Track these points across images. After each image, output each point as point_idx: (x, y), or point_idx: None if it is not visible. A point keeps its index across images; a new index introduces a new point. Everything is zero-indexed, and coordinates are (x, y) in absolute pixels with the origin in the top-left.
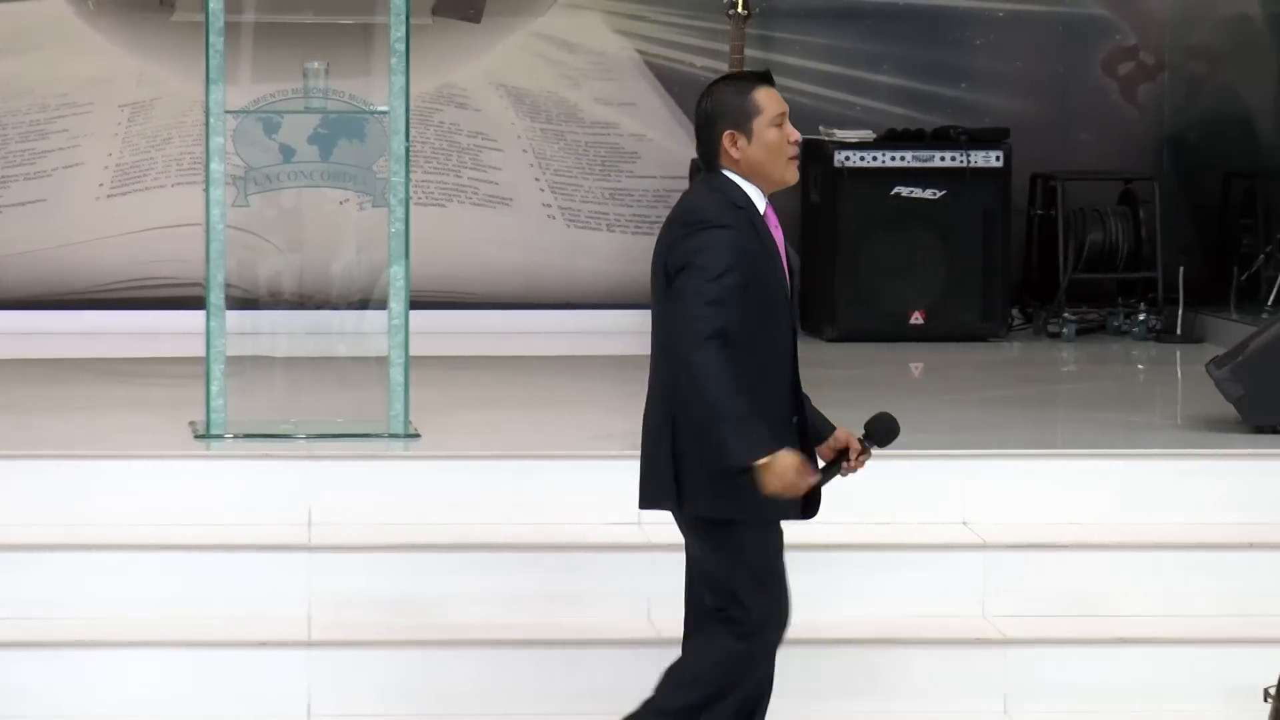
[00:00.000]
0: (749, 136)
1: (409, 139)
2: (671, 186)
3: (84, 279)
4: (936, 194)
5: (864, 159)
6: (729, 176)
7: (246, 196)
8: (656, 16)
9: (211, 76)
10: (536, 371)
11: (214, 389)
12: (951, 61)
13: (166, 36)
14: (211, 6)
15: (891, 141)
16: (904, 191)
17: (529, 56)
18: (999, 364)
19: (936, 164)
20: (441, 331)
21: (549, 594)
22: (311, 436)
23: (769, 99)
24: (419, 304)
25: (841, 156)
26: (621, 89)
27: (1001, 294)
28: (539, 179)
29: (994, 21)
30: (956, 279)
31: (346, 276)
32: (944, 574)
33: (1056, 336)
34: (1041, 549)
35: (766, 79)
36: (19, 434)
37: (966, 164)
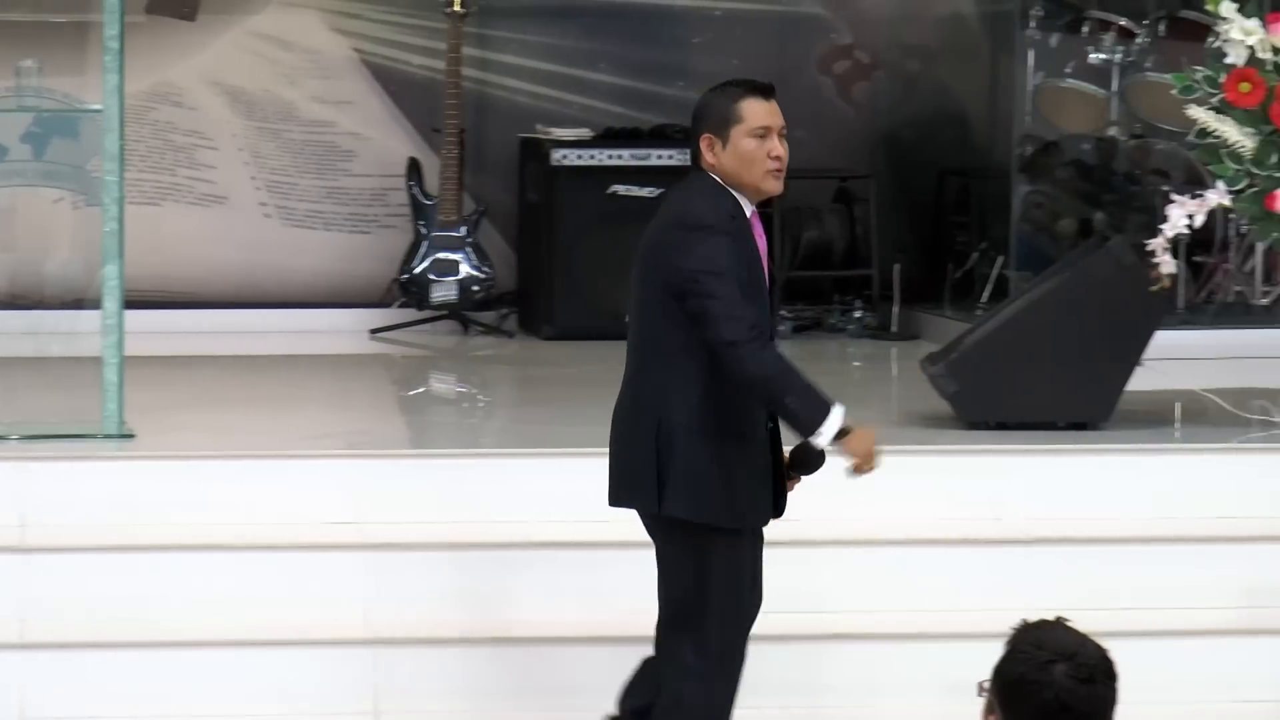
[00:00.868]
0: (725, 143)
1: (123, 138)
2: (389, 185)
3: None
4: (654, 192)
5: (581, 157)
6: (717, 181)
7: None
8: (374, 15)
9: None
10: (253, 371)
11: None
12: (669, 60)
13: None
14: None
15: (609, 140)
16: (621, 190)
17: (245, 55)
18: None
19: (654, 162)
20: (157, 331)
21: (263, 597)
22: (25, 438)
23: (755, 110)
24: (134, 303)
25: (558, 155)
26: (338, 87)
27: None
28: (255, 178)
29: (711, 20)
30: None
31: (61, 276)
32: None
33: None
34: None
35: (761, 90)
36: None
37: (684, 162)
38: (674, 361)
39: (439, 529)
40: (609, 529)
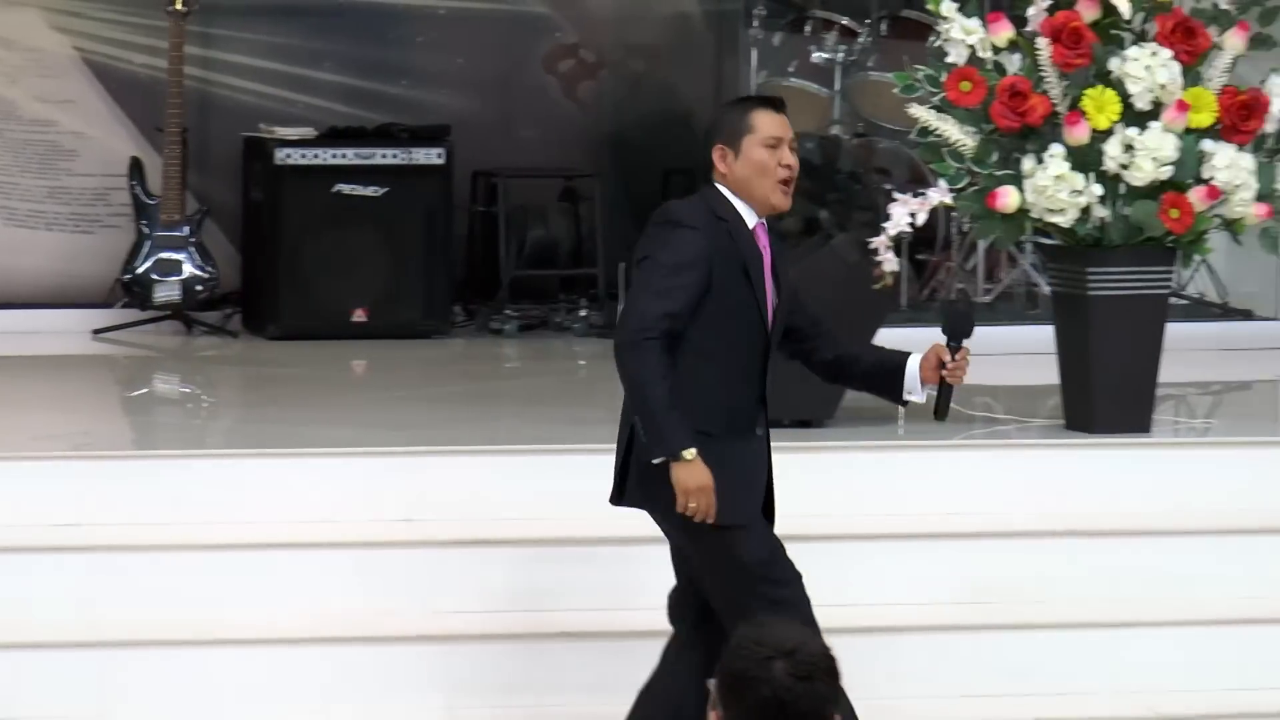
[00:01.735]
0: (737, 153)
1: None
2: (111, 184)
3: None
4: (378, 191)
5: (305, 156)
6: (720, 190)
7: None
8: (95, 13)
9: None
10: None
11: None
12: (394, 59)
13: None
14: None
15: (333, 139)
16: (345, 189)
17: None
18: (443, 361)
19: (378, 161)
20: None
21: None
22: None
23: (767, 121)
24: None
25: (282, 154)
26: (60, 86)
27: (444, 291)
28: None
29: (435, 19)
30: (399, 276)
31: None
32: (385, 573)
33: (499, 333)
34: (489, 545)
35: (773, 104)
36: None
37: (408, 161)
38: None
39: (164, 530)
40: (333, 530)
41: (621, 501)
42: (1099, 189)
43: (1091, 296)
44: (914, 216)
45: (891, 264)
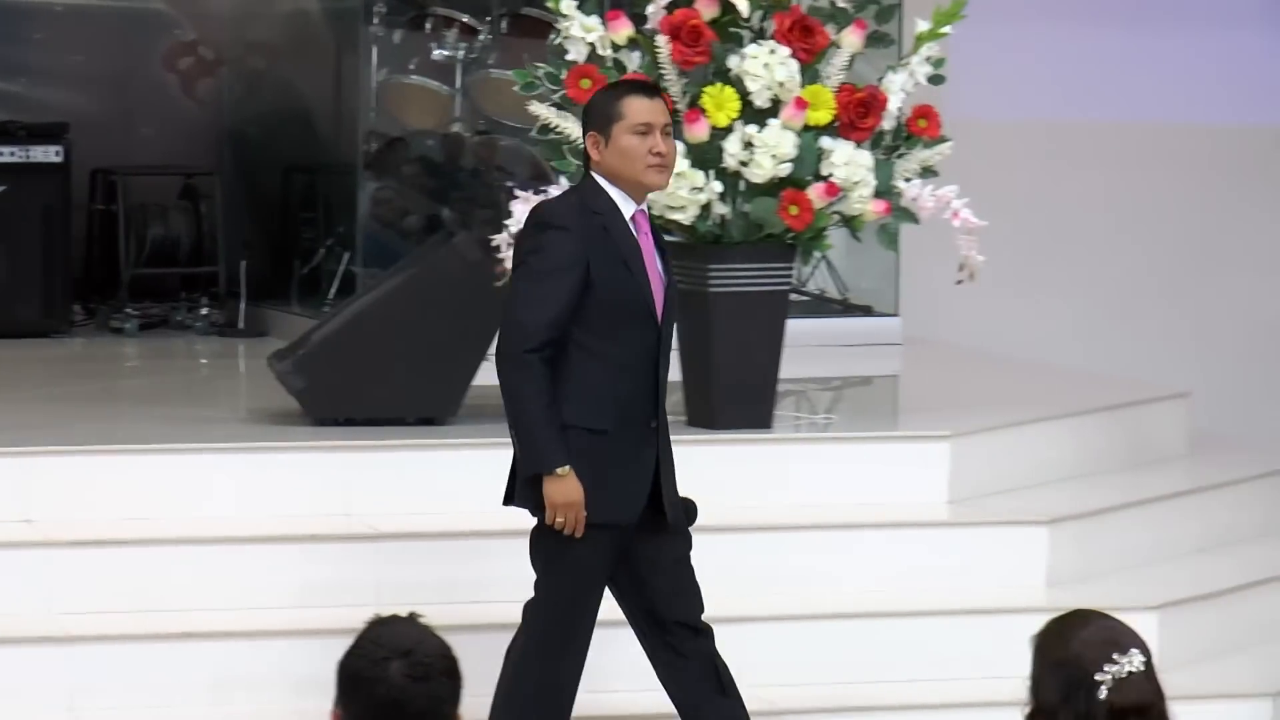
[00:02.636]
0: (607, 140)
1: None
2: None
3: None
4: None
5: None
6: (596, 180)
7: None
8: None
9: None
10: None
11: None
12: (10, 56)
13: None
14: None
15: None
16: None
17: None
18: (62, 360)
19: None
20: None
21: None
22: None
23: (636, 107)
24: None
25: None
26: None
27: (63, 290)
28: None
29: (52, 15)
30: (16, 275)
31: None
32: (4, 575)
33: (119, 332)
34: (106, 545)
35: (644, 89)
36: None
37: (26, 159)
38: None
39: None
40: None
41: (511, 503)
42: (719, 186)
43: (712, 293)
44: None
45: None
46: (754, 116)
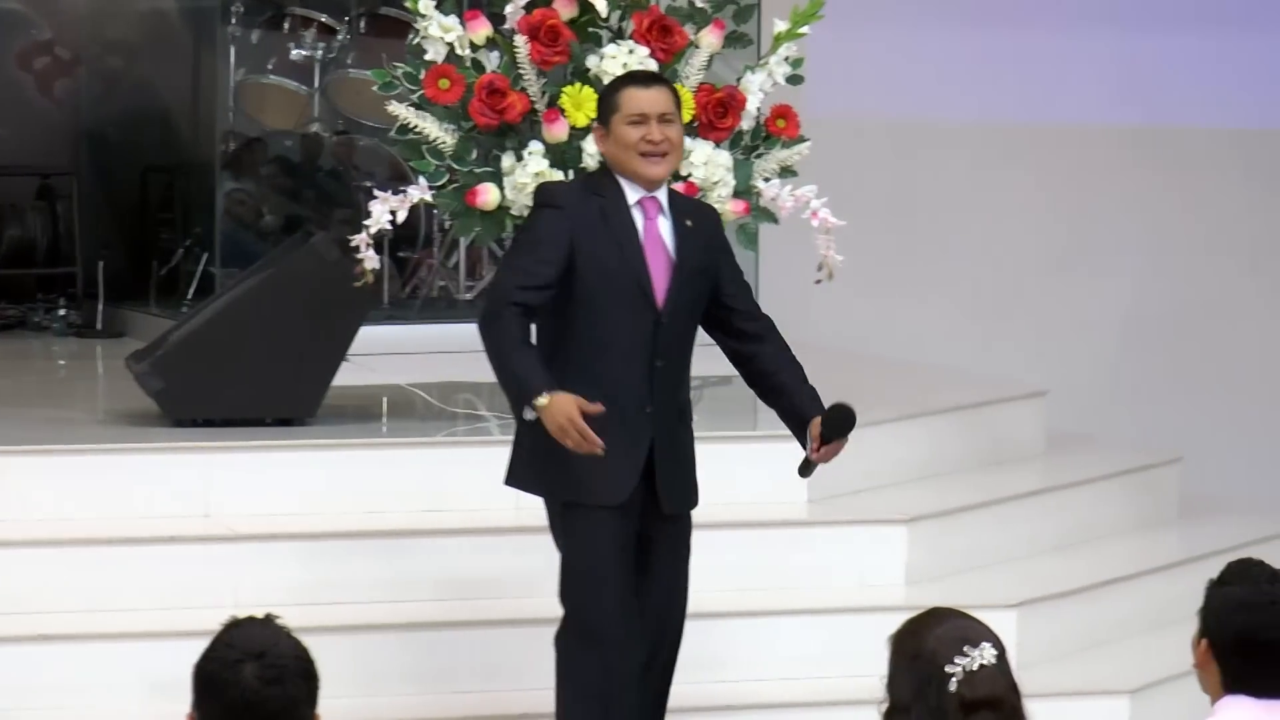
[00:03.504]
0: (608, 131)
1: None
2: None
3: None
4: None
5: None
6: (607, 168)
7: None
8: None
9: None
10: None
11: None
12: None
13: None
14: None
15: None
16: None
17: None
18: None
19: None
20: None
21: None
22: None
23: (632, 98)
24: None
25: None
26: None
27: None
28: None
29: None
30: None
31: None
32: None
33: None
34: None
35: (641, 80)
36: None
37: None
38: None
39: None
40: None
41: (509, 483)
42: None
43: None
44: (394, 214)
45: (372, 261)
46: None
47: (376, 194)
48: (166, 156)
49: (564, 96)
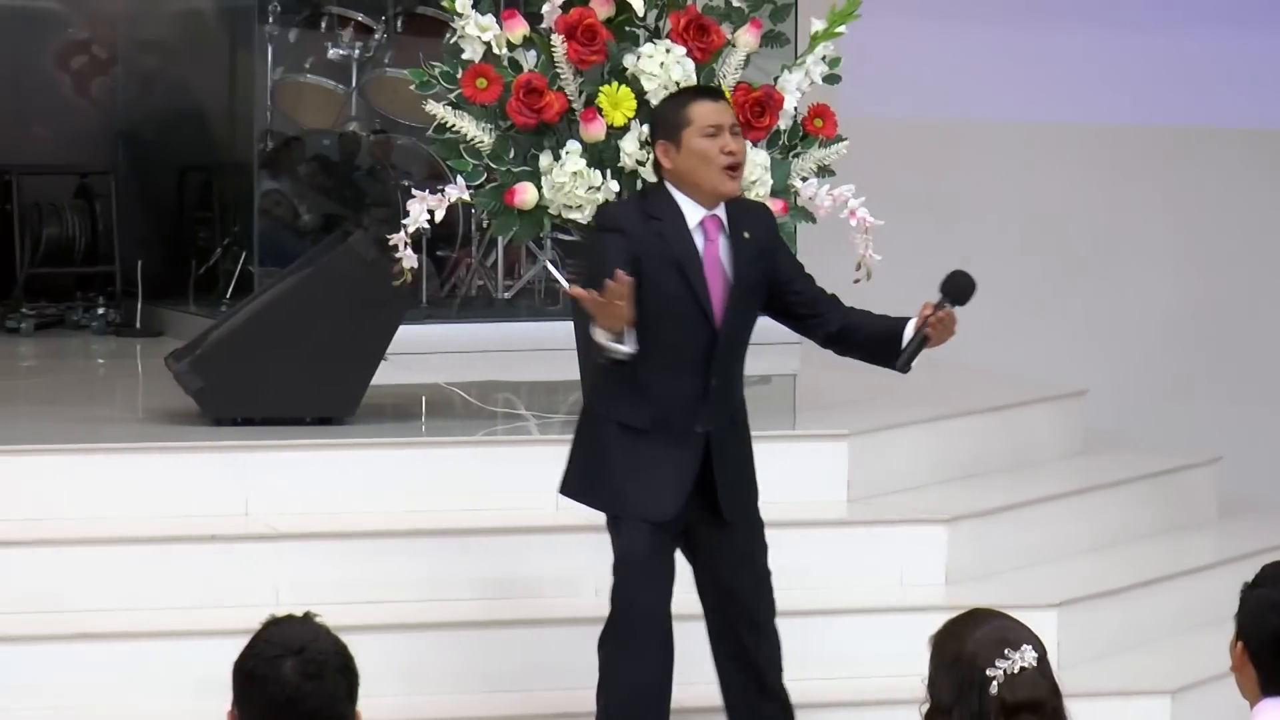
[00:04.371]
0: (678, 147)
1: None
2: None
3: None
4: None
5: None
6: (665, 187)
7: None
8: None
9: None
10: None
11: None
12: None
13: None
14: None
15: None
16: None
17: None
18: None
19: None
20: None
21: None
22: None
23: (704, 111)
24: None
25: None
26: None
27: None
28: None
29: None
30: None
31: None
32: None
33: (15, 332)
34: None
35: (709, 93)
36: None
37: None
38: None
39: None
40: None
41: (563, 491)
42: (616, 185)
43: None
44: (432, 213)
45: (410, 260)
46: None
47: (414, 193)
48: (204, 155)
49: (601, 96)
